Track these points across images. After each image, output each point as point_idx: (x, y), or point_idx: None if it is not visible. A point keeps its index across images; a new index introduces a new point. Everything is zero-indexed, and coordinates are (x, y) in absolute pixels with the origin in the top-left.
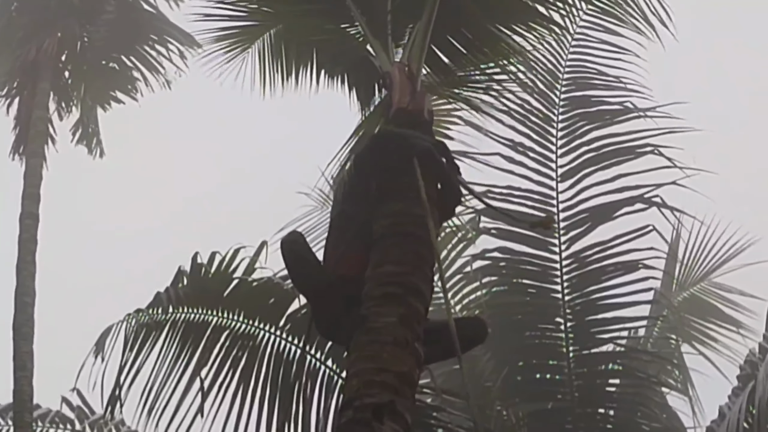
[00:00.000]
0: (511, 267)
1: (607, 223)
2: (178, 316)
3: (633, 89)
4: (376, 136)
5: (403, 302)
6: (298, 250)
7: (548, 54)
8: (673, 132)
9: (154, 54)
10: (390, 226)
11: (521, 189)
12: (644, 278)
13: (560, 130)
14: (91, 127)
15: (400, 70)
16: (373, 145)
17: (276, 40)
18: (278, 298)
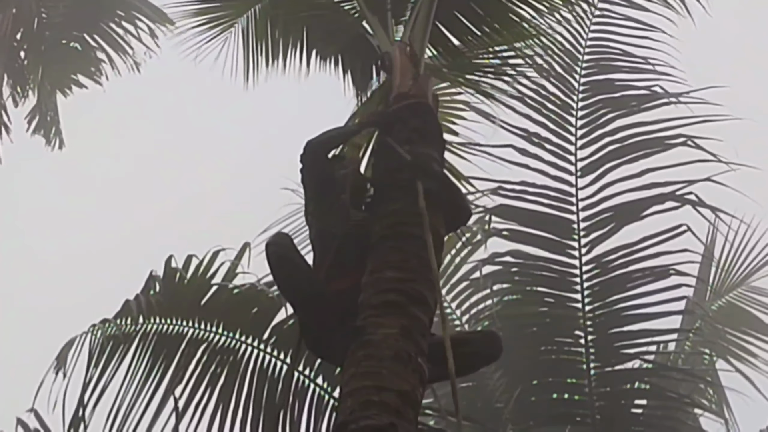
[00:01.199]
0: (524, 273)
1: (634, 224)
2: (150, 327)
3: (663, 72)
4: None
5: (405, 312)
6: (284, 252)
7: (566, 33)
8: (709, 121)
9: (120, 32)
10: (389, 227)
11: (537, 185)
12: (676, 286)
13: (580, 119)
14: (50, 115)
15: (401, 51)
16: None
17: (261, 17)
18: (262, 307)
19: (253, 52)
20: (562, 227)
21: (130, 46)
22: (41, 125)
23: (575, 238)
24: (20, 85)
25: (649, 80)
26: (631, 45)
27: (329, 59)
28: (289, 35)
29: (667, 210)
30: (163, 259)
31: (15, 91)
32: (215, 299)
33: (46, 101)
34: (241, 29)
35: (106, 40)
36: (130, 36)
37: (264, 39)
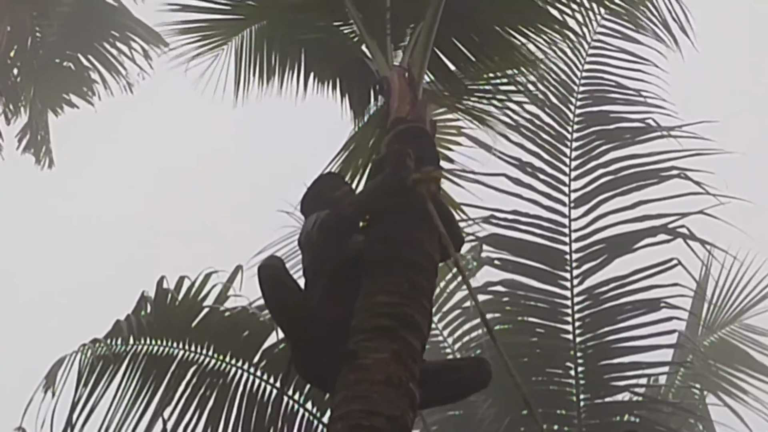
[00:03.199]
0: (516, 303)
1: (626, 256)
2: (140, 348)
3: (656, 105)
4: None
5: (396, 337)
6: (276, 275)
7: (562, 63)
8: (701, 154)
9: (114, 53)
10: (384, 251)
11: (529, 215)
12: (667, 319)
13: (574, 150)
14: (41, 134)
15: (400, 76)
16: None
17: (257, 38)
18: (253, 330)
19: (246, 73)
20: (554, 258)
21: (123, 66)
22: (31, 144)
23: (567, 269)
24: (12, 103)
25: (643, 113)
26: (625, 77)
27: (326, 82)
28: (286, 57)
29: (660, 243)
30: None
31: (7, 109)
32: (206, 321)
33: (37, 120)
34: (235, 49)
35: (100, 60)
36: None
37: (259, 60)
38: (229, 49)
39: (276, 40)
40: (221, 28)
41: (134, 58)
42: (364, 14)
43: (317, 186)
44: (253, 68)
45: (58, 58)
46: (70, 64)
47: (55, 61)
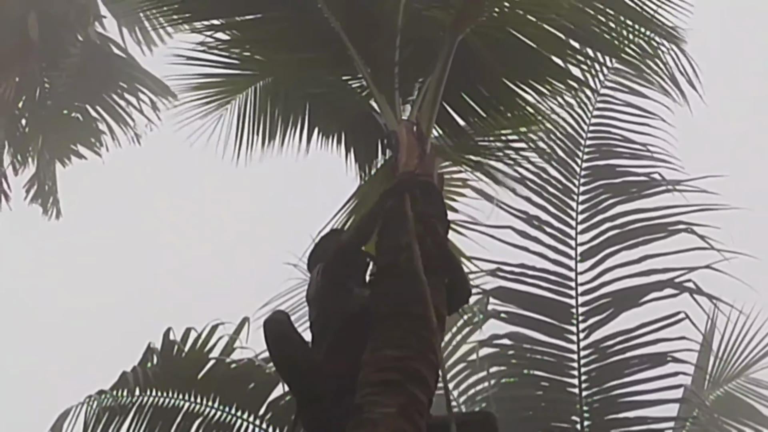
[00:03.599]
0: (522, 356)
1: (632, 310)
2: (146, 400)
3: (663, 159)
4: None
5: (403, 391)
6: (281, 329)
7: (569, 117)
8: (708, 209)
9: (122, 104)
10: (391, 306)
11: (536, 268)
12: (673, 373)
13: (581, 203)
14: (48, 185)
15: (408, 130)
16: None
17: (263, 93)
18: (259, 382)
19: (250, 127)
20: (560, 311)
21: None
22: (39, 194)
23: (574, 323)
24: (20, 153)
25: (650, 167)
26: (632, 131)
27: (332, 136)
28: (290, 112)
29: (666, 297)
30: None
31: (15, 159)
32: (212, 373)
33: (44, 170)
34: (238, 107)
35: (108, 111)
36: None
37: (263, 115)
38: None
39: (281, 96)
40: (227, 84)
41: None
42: (372, 68)
43: (324, 243)
44: (257, 124)
45: (67, 109)
46: (78, 115)
47: (63, 111)
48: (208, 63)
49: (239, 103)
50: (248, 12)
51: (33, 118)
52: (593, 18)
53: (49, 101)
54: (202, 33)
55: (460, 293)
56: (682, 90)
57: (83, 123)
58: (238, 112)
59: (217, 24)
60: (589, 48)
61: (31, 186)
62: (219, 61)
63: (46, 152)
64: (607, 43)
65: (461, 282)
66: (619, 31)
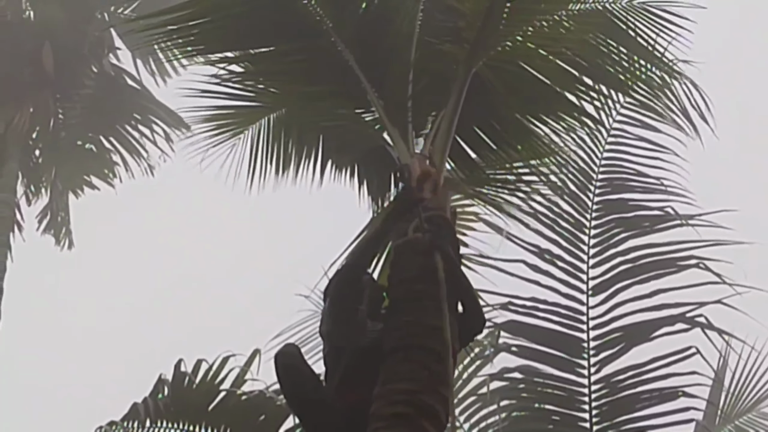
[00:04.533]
0: (532, 390)
1: (644, 344)
2: (157, 431)
3: (675, 193)
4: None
5: (414, 425)
6: (292, 362)
7: (581, 151)
8: (720, 244)
9: (136, 135)
10: (402, 338)
11: (547, 302)
12: (685, 408)
13: (593, 237)
14: (61, 216)
15: (421, 163)
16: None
17: (276, 125)
18: (270, 414)
19: (263, 158)
20: (571, 345)
21: (144, 149)
22: (51, 225)
23: (585, 357)
24: (34, 183)
25: (662, 201)
26: (644, 165)
27: (344, 169)
28: (303, 144)
29: (678, 332)
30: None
31: (28, 190)
32: (223, 405)
33: (57, 201)
34: (251, 138)
35: (121, 142)
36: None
37: (276, 146)
38: (246, 138)
39: (294, 128)
40: (240, 116)
41: (156, 141)
42: (385, 102)
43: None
44: (270, 156)
45: (80, 140)
46: (92, 146)
47: (77, 143)
48: (221, 95)
49: (252, 134)
50: (261, 45)
51: (46, 148)
52: (602, 52)
53: (62, 132)
54: (216, 65)
55: (474, 323)
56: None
57: (97, 154)
58: (251, 142)
59: (230, 56)
60: (601, 83)
61: (44, 216)
62: (232, 94)
63: (59, 183)
64: (618, 78)
65: (476, 312)
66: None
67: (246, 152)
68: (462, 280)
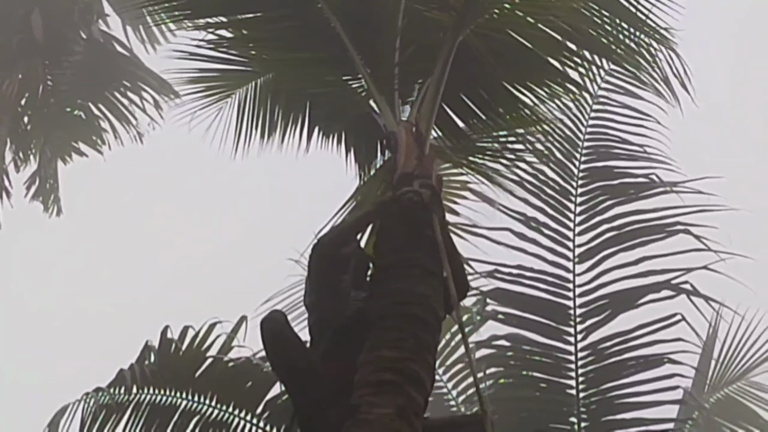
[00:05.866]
0: (519, 357)
1: (630, 312)
2: (143, 397)
3: (659, 161)
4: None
5: (400, 392)
6: (278, 329)
7: (567, 119)
8: (705, 210)
9: (125, 102)
10: (389, 306)
11: (534, 270)
12: (670, 375)
13: (579, 205)
14: (50, 182)
15: (407, 131)
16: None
17: (262, 91)
18: (257, 381)
19: (250, 123)
20: (558, 313)
21: (134, 116)
22: (40, 192)
23: (571, 324)
24: (22, 150)
25: (647, 168)
26: (629, 133)
27: (332, 136)
28: (290, 110)
29: (664, 299)
30: (159, 329)
31: (17, 156)
32: (210, 372)
33: (46, 168)
34: (238, 102)
35: (111, 109)
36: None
37: (263, 111)
38: (233, 103)
39: (281, 94)
40: (227, 80)
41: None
42: (372, 69)
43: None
44: (257, 120)
45: (69, 107)
46: (81, 113)
47: (66, 109)
48: (208, 59)
49: (239, 98)
50: (249, 10)
51: (36, 115)
52: (589, 20)
53: (52, 99)
54: (204, 30)
55: (459, 289)
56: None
57: (86, 121)
58: (238, 106)
59: (218, 22)
60: (586, 50)
61: (32, 183)
62: (220, 58)
63: (48, 150)
64: (603, 45)
65: (461, 278)
66: (615, 33)
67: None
68: (450, 247)
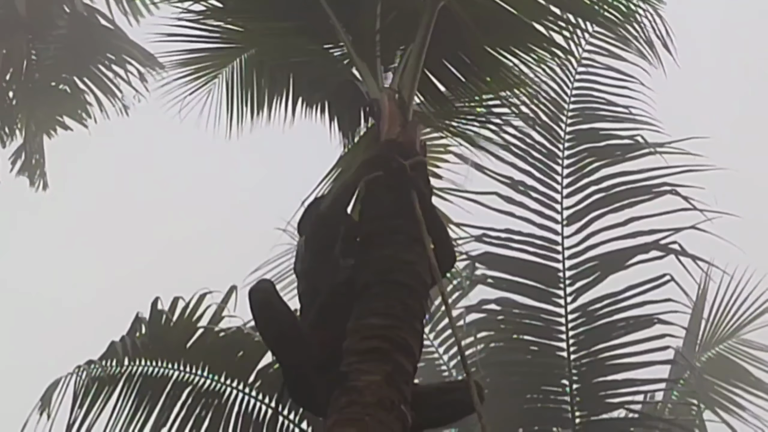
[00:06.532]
0: (510, 321)
1: (619, 273)
2: (135, 369)
3: (645, 122)
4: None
5: (389, 359)
6: (266, 299)
7: (552, 82)
8: (692, 170)
9: (110, 75)
10: (375, 274)
11: (522, 233)
12: (661, 335)
13: (566, 168)
14: (35, 157)
15: (390, 98)
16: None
17: (247, 66)
18: (248, 351)
19: (238, 101)
20: (547, 276)
21: (119, 89)
22: (26, 167)
23: (561, 287)
24: (7, 125)
25: (633, 129)
26: (614, 95)
27: (315, 106)
28: (275, 83)
29: (652, 259)
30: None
31: (2, 132)
32: (201, 342)
33: (31, 142)
34: (226, 80)
35: (96, 83)
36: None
37: (250, 88)
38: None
39: (265, 67)
40: (212, 59)
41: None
42: (354, 37)
43: (311, 210)
44: (244, 96)
45: (54, 81)
46: (66, 87)
47: (50, 83)
48: (190, 37)
49: (226, 76)
50: None
51: (20, 90)
52: None
53: (36, 73)
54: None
55: (445, 259)
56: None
57: (71, 95)
58: (226, 84)
59: None
60: (570, 13)
61: (18, 158)
62: (202, 36)
63: (33, 124)
64: (587, 7)
65: (447, 247)
66: None
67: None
68: (433, 216)
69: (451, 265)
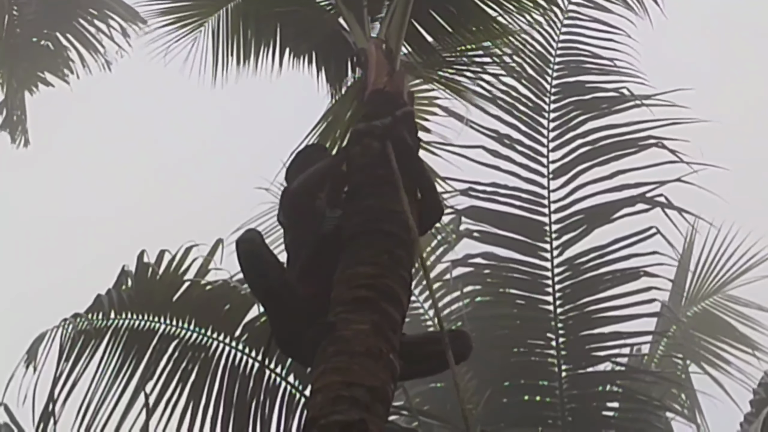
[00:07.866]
0: (496, 275)
1: (605, 226)
2: (121, 323)
3: (631, 74)
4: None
5: (376, 308)
6: (255, 249)
7: (538, 35)
8: (677, 123)
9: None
10: (362, 223)
11: (508, 187)
12: (647, 288)
13: (552, 121)
14: (16, 114)
15: (377, 47)
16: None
17: (233, 16)
18: (234, 304)
19: (223, 51)
20: (533, 229)
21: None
22: (7, 123)
23: (547, 241)
24: None
25: (618, 82)
26: (600, 47)
27: (302, 56)
28: (262, 33)
29: (638, 212)
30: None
31: None
32: (187, 295)
33: (12, 99)
34: (212, 29)
35: (78, 38)
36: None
37: (236, 38)
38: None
39: (251, 17)
40: (197, 8)
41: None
42: None
43: (301, 157)
44: (230, 48)
45: (36, 37)
46: (48, 43)
47: (32, 39)
48: None
49: (212, 25)
50: None
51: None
52: None
53: (17, 29)
54: None
55: (432, 211)
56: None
57: (53, 51)
58: (212, 33)
59: None
60: None
61: None
62: None
63: (14, 81)
64: None
65: (433, 199)
66: None
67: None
68: (419, 167)
69: (439, 217)
